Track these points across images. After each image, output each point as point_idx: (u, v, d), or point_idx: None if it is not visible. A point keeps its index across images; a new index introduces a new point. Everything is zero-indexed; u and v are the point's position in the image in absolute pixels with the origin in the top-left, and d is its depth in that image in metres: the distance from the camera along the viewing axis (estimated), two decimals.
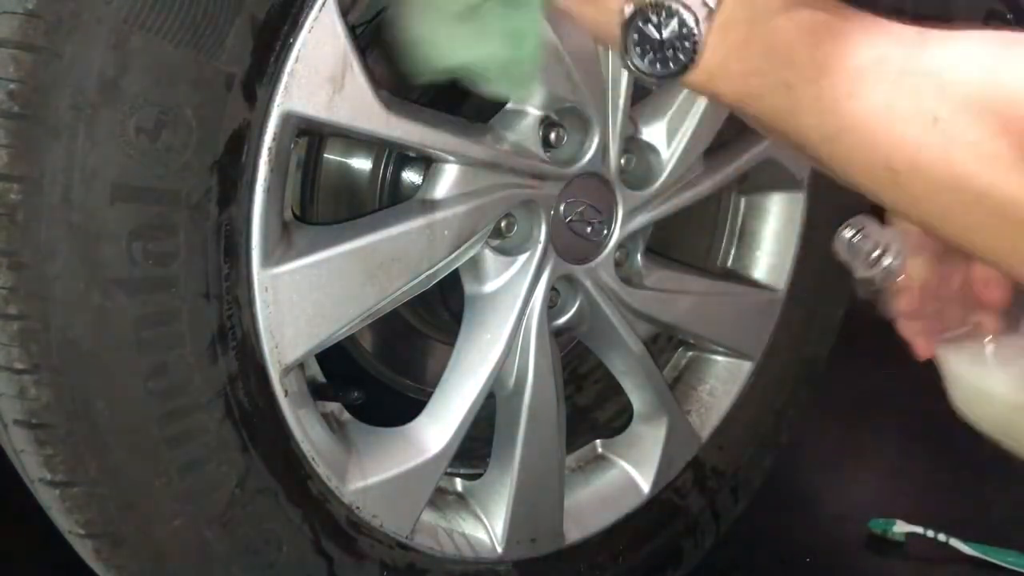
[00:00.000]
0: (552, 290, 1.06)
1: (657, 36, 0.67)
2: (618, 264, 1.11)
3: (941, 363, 0.80)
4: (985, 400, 0.79)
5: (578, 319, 1.12)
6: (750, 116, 0.69)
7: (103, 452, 0.79)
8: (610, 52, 1.02)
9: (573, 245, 1.05)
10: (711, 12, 0.66)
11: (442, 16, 0.76)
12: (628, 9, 0.68)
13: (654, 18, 0.67)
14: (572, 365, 1.34)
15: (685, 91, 1.08)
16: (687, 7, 0.66)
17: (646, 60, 0.68)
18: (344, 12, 0.83)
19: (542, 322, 1.04)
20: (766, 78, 0.66)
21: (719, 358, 1.31)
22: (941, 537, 1.48)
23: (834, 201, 1.34)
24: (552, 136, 1.00)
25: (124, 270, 0.76)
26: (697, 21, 0.66)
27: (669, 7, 0.67)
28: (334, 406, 0.99)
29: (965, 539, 1.48)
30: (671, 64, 0.68)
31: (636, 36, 0.68)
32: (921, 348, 0.81)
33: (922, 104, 0.62)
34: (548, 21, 0.79)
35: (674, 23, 0.67)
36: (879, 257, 0.83)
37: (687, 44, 0.67)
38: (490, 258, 1.01)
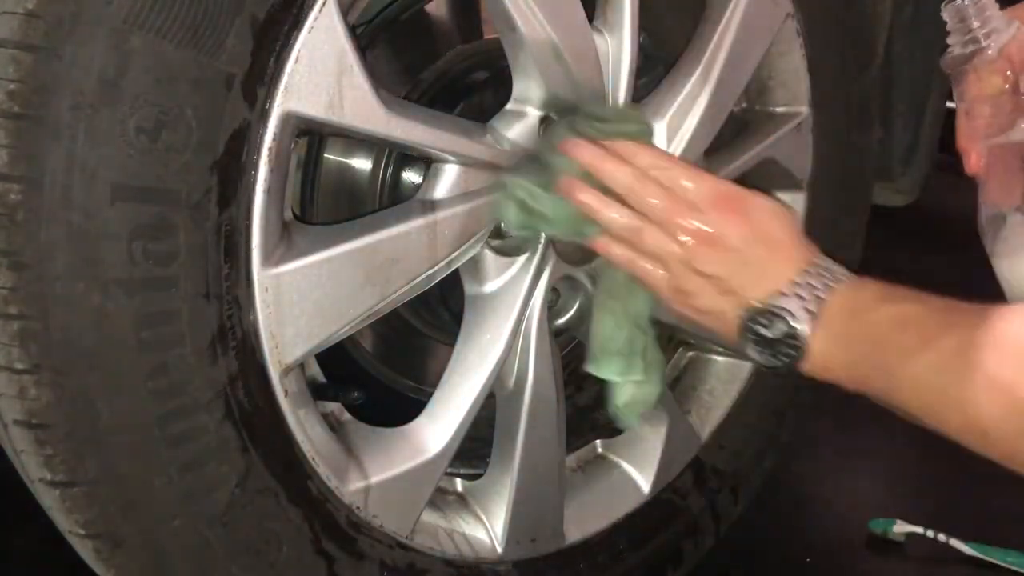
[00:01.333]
0: (552, 290, 1.06)
1: (768, 335, 0.82)
2: None
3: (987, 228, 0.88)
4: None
5: (578, 319, 1.11)
6: (868, 395, 0.82)
7: (103, 452, 0.78)
8: (609, 50, 1.02)
9: (573, 245, 1.05)
10: (813, 316, 0.80)
11: None
12: (742, 315, 0.84)
13: (764, 321, 0.82)
14: (572, 365, 1.34)
15: (685, 91, 1.10)
16: (790, 313, 0.80)
17: (763, 356, 0.83)
18: (344, 12, 0.83)
19: (542, 322, 1.04)
20: (867, 365, 0.79)
21: (719, 358, 1.31)
22: (941, 537, 1.48)
23: (834, 201, 1.34)
24: None
25: (124, 270, 0.76)
26: (799, 322, 0.81)
27: (775, 312, 0.81)
28: (334, 406, 0.99)
29: (965, 539, 1.48)
30: (784, 358, 0.82)
31: (752, 336, 0.83)
32: (972, 160, 0.89)
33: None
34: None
35: (780, 325, 0.81)
36: (976, 27, 0.86)
37: (793, 342, 0.81)
38: (490, 258, 1.01)
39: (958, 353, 0.72)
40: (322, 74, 0.82)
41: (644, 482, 1.22)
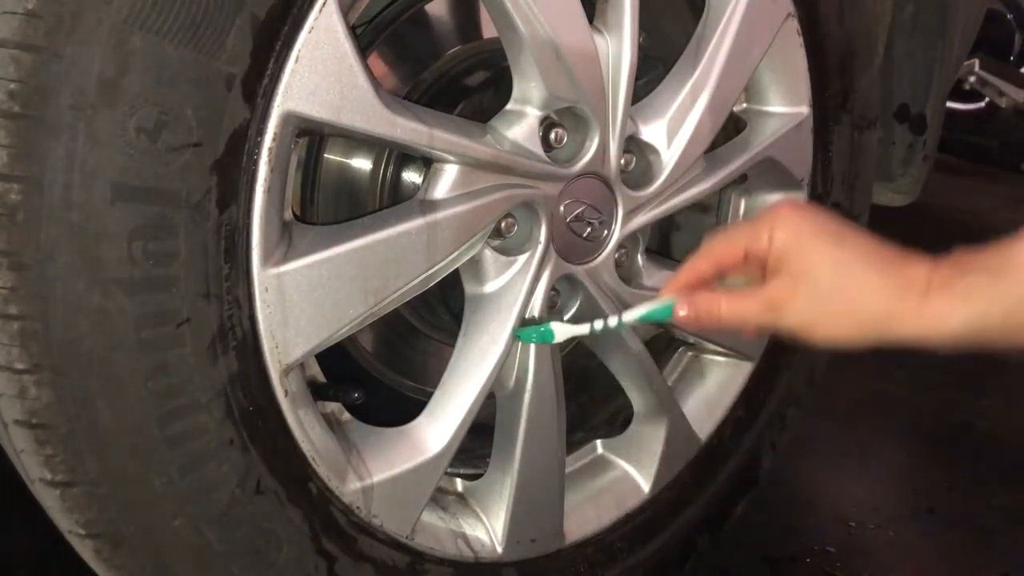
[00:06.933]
0: (552, 290, 1.06)
1: None
2: (618, 264, 1.11)
3: None
4: None
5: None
6: None
7: (103, 452, 0.79)
8: (609, 50, 1.02)
9: (573, 245, 1.05)
10: None
11: None
12: None
13: None
14: (572, 365, 1.34)
15: (685, 91, 1.10)
16: None
17: None
18: (344, 12, 0.83)
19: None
20: None
21: (719, 358, 1.31)
22: None
23: (833, 201, 1.34)
24: (552, 136, 1.00)
25: (124, 270, 0.76)
26: None
27: None
28: (334, 406, 0.99)
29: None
30: None
31: None
32: None
33: None
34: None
35: None
36: None
37: None
38: (490, 258, 1.01)
39: None
40: (322, 74, 0.82)
41: (644, 482, 1.23)
